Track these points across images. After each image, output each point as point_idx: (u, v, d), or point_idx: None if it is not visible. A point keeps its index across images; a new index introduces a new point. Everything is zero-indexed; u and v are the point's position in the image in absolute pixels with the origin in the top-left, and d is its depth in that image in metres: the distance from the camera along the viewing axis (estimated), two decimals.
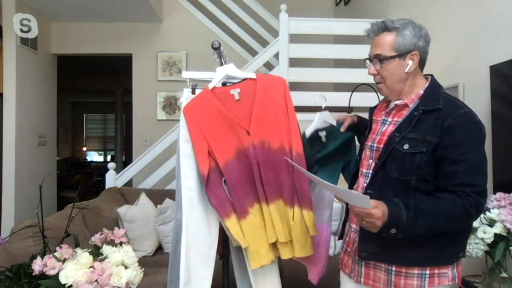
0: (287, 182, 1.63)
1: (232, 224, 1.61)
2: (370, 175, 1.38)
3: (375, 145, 1.39)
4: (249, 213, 1.62)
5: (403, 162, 1.29)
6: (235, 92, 1.66)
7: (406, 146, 1.28)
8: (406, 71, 1.34)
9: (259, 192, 1.62)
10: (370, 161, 1.41)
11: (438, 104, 1.29)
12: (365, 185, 1.39)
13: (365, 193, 1.33)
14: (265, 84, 1.67)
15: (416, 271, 1.30)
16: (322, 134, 1.80)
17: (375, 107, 1.53)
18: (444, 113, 1.27)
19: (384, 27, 1.34)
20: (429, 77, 1.41)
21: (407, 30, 1.33)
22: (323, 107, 1.83)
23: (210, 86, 1.67)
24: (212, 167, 1.62)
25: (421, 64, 1.37)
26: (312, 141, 1.79)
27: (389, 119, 1.41)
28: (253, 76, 1.69)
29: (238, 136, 1.64)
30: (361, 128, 1.66)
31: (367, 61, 1.42)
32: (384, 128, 1.41)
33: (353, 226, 1.44)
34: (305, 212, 1.62)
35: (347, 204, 1.50)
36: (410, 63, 1.33)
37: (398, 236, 1.19)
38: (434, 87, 1.37)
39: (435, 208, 1.20)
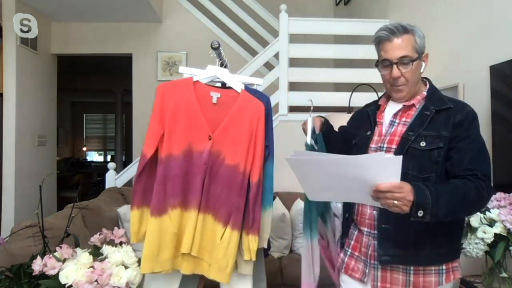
0: (231, 202, 1.58)
1: (135, 216, 1.59)
2: None
3: (385, 145, 1.39)
4: (167, 213, 1.56)
5: (421, 159, 1.31)
6: (215, 95, 1.63)
7: (423, 144, 1.31)
8: (422, 71, 1.38)
9: (194, 198, 1.57)
10: None
11: (448, 104, 1.35)
12: None
13: None
14: (245, 102, 1.63)
15: (433, 267, 1.33)
16: (312, 142, 1.63)
17: (377, 109, 1.51)
18: (454, 111, 1.33)
19: (404, 29, 1.33)
20: (426, 79, 1.46)
21: (419, 31, 1.35)
22: (311, 109, 1.66)
23: (195, 78, 1.65)
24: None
25: None
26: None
27: (397, 120, 1.42)
28: (239, 89, 1.65)
29: (198, 137, 1.59)
30: (329, 126, 1.64)
31: (383, 64, 1.37)
32: (393, 129, 1.41)
33: (365, 229, 1.41)
34: (251, 237, 1.57)
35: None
36: (423, 64, 1.38)
37: (425, 219, 1.15)
38: (434, 89, 1.43)
39: (451, 188, 1.22)
